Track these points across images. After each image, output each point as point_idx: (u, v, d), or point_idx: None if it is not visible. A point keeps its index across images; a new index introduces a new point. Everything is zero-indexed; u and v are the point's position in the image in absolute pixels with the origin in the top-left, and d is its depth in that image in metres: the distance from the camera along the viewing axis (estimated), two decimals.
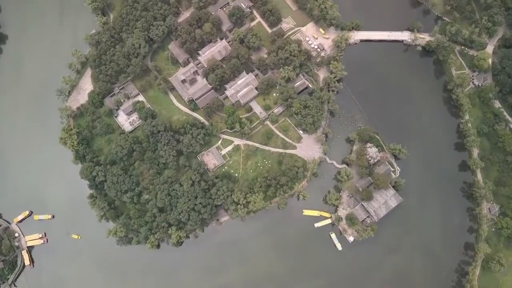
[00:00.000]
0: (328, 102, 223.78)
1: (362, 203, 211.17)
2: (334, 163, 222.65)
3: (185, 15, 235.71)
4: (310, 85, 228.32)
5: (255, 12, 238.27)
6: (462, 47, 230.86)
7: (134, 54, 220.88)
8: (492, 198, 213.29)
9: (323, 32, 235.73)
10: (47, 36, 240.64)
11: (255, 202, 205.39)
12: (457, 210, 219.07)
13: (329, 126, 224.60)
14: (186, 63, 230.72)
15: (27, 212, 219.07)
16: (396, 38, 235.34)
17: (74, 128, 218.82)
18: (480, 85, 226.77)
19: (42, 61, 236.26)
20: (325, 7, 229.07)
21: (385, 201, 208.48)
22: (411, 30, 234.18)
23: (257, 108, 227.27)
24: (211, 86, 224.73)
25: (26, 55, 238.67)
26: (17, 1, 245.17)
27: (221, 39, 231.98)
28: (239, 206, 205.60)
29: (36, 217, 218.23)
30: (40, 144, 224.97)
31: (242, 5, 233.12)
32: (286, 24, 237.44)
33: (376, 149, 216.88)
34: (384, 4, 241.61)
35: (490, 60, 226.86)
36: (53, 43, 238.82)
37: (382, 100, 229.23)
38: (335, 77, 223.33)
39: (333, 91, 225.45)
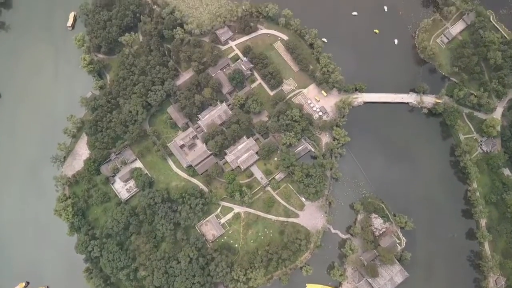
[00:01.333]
0: (331, 169, 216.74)
1: (367, 279, 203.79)
2: (338, 232, 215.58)
3: (185, 76, 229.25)
4: (312, 149, 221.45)
5: (255, 73, 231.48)
6: (470, 111, 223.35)
7: (132, 121, 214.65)
8: (499, 270, 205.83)
9: (325, 94, 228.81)
10: (42, 97, 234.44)
11: (255, 279, 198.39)
12: (464, 282, 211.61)
13: (333, 194, 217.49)
14: (185, 128, 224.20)
15: (23, 284, 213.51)
16: (401, 100, 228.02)
17: (69, 197, 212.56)
18: (488, 151, 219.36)
19: (36, 125, 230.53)
20: (328, 70, 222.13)
21: (390, 278, 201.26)
22: (417, 92, 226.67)
23: (258, 174, 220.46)
24: (210, 152, 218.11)
25: (21, 118, 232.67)
26: (10, 61, 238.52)
27: (221, 101, 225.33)
28: (239, 283, 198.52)
29: None
30: (36, 213, 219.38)
31: (243, 67, 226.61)
32: (288, 85, 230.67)
33: (382, 220, 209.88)
34: (389, 64, 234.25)
35: (499, 127, 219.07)
36: (48, 105, 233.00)
37: (387, 165, 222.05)
38: (338, 143, 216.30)
39: (336, 157, 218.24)
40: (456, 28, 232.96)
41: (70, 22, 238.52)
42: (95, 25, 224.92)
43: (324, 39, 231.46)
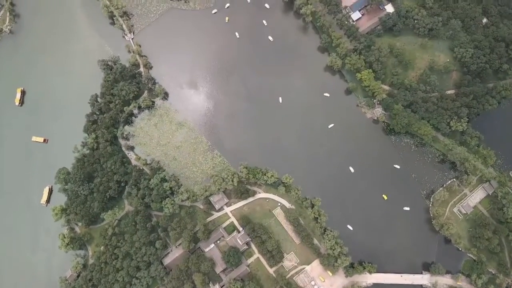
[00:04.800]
0: None
1: None
2: None
3: (175, 253, 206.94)
4: None
5: (253, 246, 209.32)
6: None
7: None
8: None
9: (331, 274, 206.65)
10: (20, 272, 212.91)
11: None
12: None
13: None
14: None
15: None
16: (414, 282, 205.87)
17: None
18: None
19: None
20: (333, 252, 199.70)
21: None
22: (431, 272, 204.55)
23: None
24: None
25: None
26: None
27: (214, 284, 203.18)
28: None
29: None
30: None
31: (239, 241, 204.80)
32: (289, 261, 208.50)
33: None
34: (400, 236, 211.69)
35: None
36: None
37: None
38: None
39: None
40: (475, 198, 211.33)
41: (44, 198, 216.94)
42: (74, 199, 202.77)
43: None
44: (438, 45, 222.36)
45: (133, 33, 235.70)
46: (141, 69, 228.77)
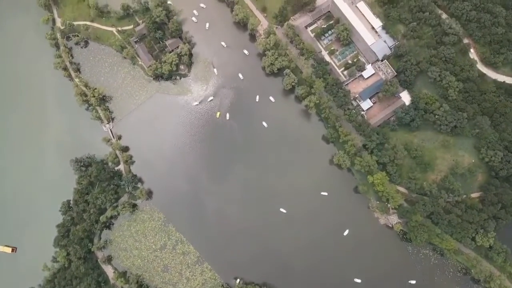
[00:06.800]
0: None
1: None
2: None
3: None
4: None
5: None
6: None
7: None
8: None
9: None
10: None
11: None
12: None
13: None
14: None
15: None
16: None
17: None
18: None
19: None
20: None
21: None
22: None
23: None
24: None
25: None
26: None
27: None
28: None
29: None
30: None
31: None
32: None
33: None
34: None
35: None
36: None
37: None
38: None
39: None
40: None
41: None
42: None
43: None
44: (462, 143, 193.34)
45: (112, 121, 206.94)
46: (121, 166, 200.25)
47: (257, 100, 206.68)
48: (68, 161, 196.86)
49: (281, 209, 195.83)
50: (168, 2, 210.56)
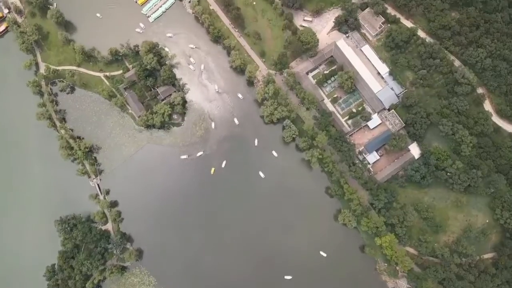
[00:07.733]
0: None
1: None
2: None
3: None
4: None
5: None
6: None
7: None
8: None
9: None
10: None
11: None
12: None
13: None
14: None
15: None
16: None
17: None
18: None
19: None
20: None
21: None
22: None
23: None
24: None
25: None
26: None
27: None
28: None
29: None
30: None
31: None
32: None
33: None
34: None
35: None
36: None
37: None
38: None
39: None
40: None
41: None
42: None
43: None
44: (476, 202, 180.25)
45: (100, 174, 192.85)
46: (109, 225, 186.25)
47: (256, 144, 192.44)
48: (53, 221, 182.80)
49: (286, 277, 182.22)
50: (166, 49, 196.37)
